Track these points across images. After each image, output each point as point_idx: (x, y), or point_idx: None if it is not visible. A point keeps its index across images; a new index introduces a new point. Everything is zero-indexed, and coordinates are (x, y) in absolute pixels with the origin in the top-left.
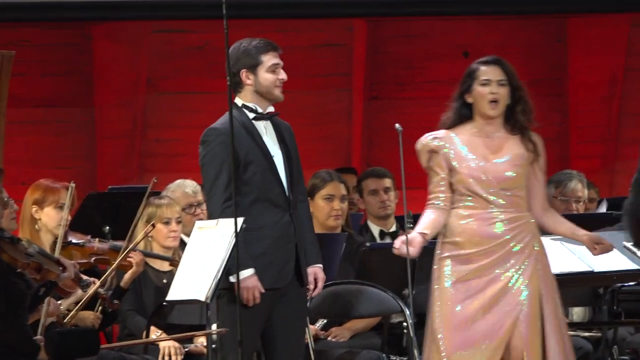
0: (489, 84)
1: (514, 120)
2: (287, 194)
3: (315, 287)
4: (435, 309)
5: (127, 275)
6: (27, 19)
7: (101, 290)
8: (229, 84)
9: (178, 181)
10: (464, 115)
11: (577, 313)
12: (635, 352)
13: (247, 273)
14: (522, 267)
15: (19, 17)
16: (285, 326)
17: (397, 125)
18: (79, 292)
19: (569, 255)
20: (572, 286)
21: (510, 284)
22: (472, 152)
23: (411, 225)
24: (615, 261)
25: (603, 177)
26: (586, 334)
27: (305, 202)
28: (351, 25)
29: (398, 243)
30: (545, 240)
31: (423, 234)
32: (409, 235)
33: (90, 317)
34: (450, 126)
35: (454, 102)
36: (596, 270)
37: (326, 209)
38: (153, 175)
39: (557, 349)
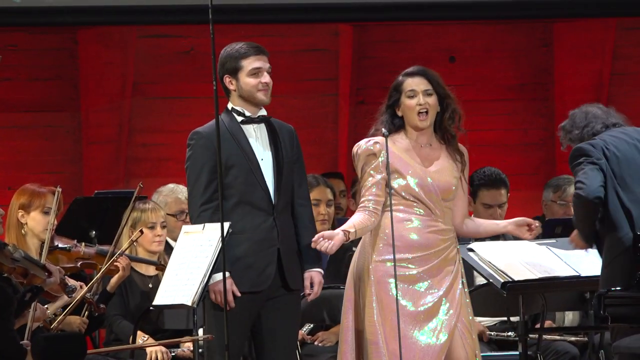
0: (416, 96)
1: (443, 128)
2: (271, 197)
3: (311, 291)
4: (372, 310)
5: (114, 280)
6: (14, 23)
7: (88, 295)
8: (215, 89)
9: (171, 185)
10: (398, 125)
11: (564, 317)
12: (622, 356)
13: (218, 277)
14: (450, 278)
15: (6, 22)
16: (274, 332)
17: (383, 130)
18: (65, 297)
19: (555, 260)
20: (559, 291)
21: (440, 293)
22: (411, 159)
23: None
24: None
25: None
26: (573, 339)
27: (307, 206)
28: (337, 30)
29: (317, 237)
30: (531, 245)
31: (346, 232)
32: (331, 231)
33: (77, 322)
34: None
35: (383, 116)
36: (583, 274)
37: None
38: (139, 180)
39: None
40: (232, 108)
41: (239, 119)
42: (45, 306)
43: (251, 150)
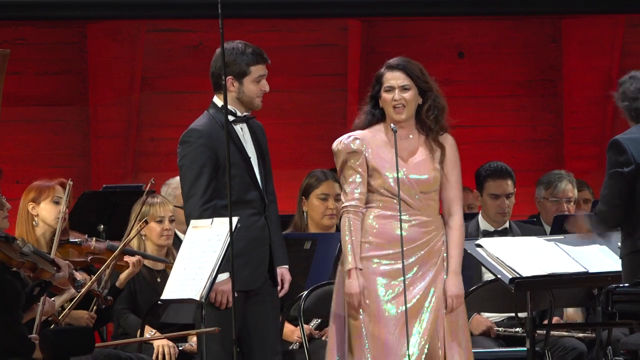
0: (392, 91)
1: (422, 121)
2: (262, 195)
3: (282, 288)
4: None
5: (123, 276)
6: (23, 17)
7: (95, 287)
8: (224, 83)
9: (178, 178)
10: (378, 116)
11: (571, 314)
12: (630, 352)
13: (223, 277)
14: (434, 270)
15: (15, 16)
16: (259, 326)
17: (392, 125)
18: (73, 290)
19: (563, 256)
20: (567, 287)
21: (423, 288)
22: (389, 153)
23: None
24: (609, 262)
25: (597, 178)
26: (580, 335)
27: (275, 202)
28: (346, 25)
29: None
30: (539, 241)
31: (360, 270)
32: (354, 291)
33: (85, 317)
34: (364, 128)
35: (366, 106)
36: (591, 271)
37: (321, 208)
38: (148, 174)
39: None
40: (223, 106)
41: (230, 118)
42: (52, 299)
43: (244, 149)
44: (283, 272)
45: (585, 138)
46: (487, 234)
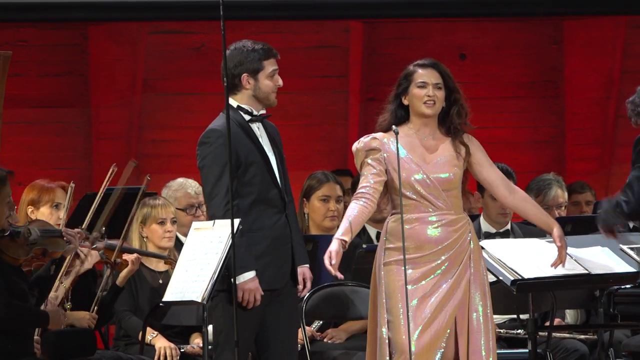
0: (426, 87)
1: (449, 122)
2: (282, 195)
3: (304, 287)
4: (385, 312)
5: (123, 274)
6: (25, 19)
7: (103, 257)
8: (225, 85)
9: (180, 180)
10: (401, 116)
11: (571, 315)
12: (632, 354)
13: (249, 275)
14: (460, 268)
15: (17, 18)
16: (279, 327)
17: (393, 127)
18: (78, 267)
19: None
20: (569, 289)
21: (453, 285)
22: (411, 153)
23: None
24: (611, 264)
25: (599, 180)
26: (582, 337)
27: (293, 202)
28: (348, 26)
29: (327, 263)
30: (541, 243)
31: (343, 242)
32: (329, 250)
33: (86, 318)
34: (387, 128)
35: (390, 104)
36: (592, 272)
37: (322, 210)
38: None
39: (484, 347)
40: (238, 106)
41: (246, 117)
42: (62, 280)
43: (262, 148)
44: (304, 271)
45: (587, 139)
46: (488, 235)
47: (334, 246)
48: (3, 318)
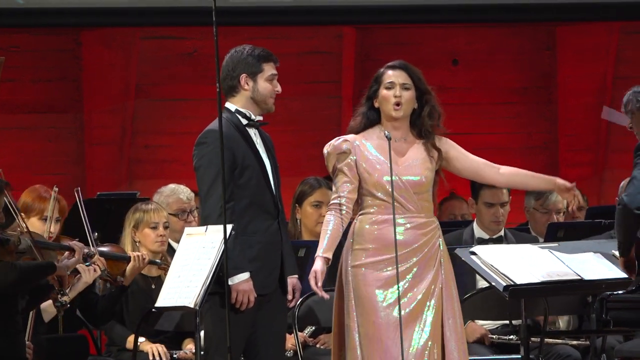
0: (393, 87)
1: (420, 124)
2: (276, 201)
3: (293, 297)
4: (355, 316)
5: (127, 272)
6: (18, 24)
7: (104, 274)
8: (218, 91)
9: (172, 186)
10: (372, 119)
11: (564, 321)
12: None
13: (244, 276)
14: (433, 271)
15: (9, 23)
16: (268, 333)
17: (386, 132)
18: (84, 279)
19: (557, 264)
20: (561, 294)
21: (423, 289)
22: (383, 156)
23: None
24: (604, 269)
25: (592, 185)
26: (575, 342)
27: (283, 212)
28: (341, 32)
29: (313, 284)
30: (534, 248)
31: (326, 260)
32: (314, 269)
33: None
34: (358, 131)
35: (361, 107)
36: (585, 278)
37: (314, 216)
38: (142, 181)
39: (456, 352)
40: (237, 109)
41: (244, 121)
42: (68, 290)
43: (258, 152)
44: (294, 282)
45: (580, 145)
46: (481, 241)
47: (318, 265)
48: (15, 279)
